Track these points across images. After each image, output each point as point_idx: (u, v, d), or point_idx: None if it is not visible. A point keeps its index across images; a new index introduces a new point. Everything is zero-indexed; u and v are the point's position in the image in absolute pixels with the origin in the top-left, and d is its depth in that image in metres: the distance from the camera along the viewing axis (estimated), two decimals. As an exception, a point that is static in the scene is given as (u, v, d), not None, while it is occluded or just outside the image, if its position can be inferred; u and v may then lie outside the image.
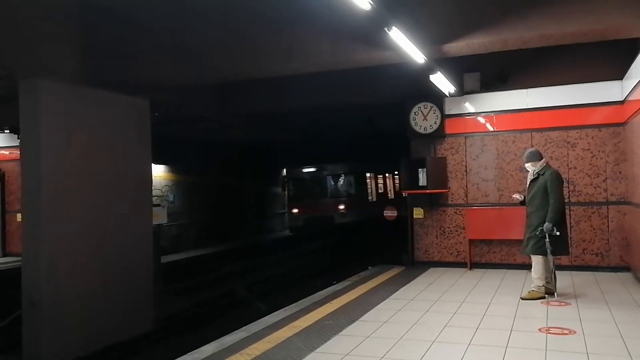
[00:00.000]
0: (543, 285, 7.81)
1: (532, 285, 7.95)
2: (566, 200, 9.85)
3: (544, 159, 8.02)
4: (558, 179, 7.78)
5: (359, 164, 23.07)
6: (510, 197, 9.10)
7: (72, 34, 9.02)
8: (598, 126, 10.04)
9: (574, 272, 9.69)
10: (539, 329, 6.29)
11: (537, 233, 7.63)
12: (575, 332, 6.17)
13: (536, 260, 7.85)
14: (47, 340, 7.35)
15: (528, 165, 8.04)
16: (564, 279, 8.93)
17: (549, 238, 7.54)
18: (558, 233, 7.49)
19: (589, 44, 8.58)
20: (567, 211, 9.83)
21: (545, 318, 6.79)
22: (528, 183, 8.11)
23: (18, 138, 10.38)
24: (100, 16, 9.30)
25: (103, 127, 8.44)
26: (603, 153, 10.01)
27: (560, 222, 7.68)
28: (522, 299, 7.85)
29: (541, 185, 7.77)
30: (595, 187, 10.03)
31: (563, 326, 6.37)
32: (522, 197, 8.32)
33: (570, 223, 9.95)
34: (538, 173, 7.88)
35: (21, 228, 7.62)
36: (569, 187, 9.99)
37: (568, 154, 10.17)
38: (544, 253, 7.66)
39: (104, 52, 9.28)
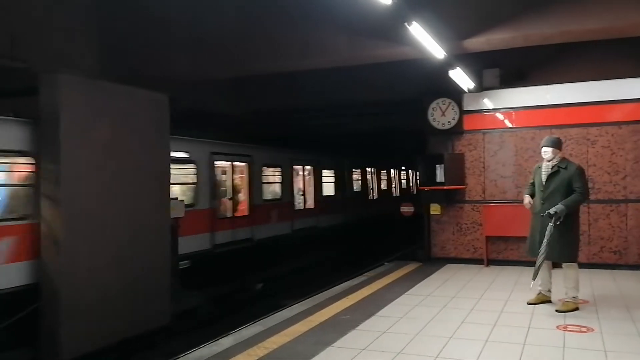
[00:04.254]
0: (577, 296, 7.10)
1: (566, 296, 7.11)
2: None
3: (561, 152, 7.22)
4: (584, 174, 7.04)
5: None
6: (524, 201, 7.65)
7: (91, 29, 9.10)
8: (618, 123, 9.94)
9: (591, 270, 9.60)
10: (557, 327, 6.26)
11: (542, 214, 6.84)
12: (593, 329, 6.13)
13: (572, 267, 7.02)
14: (64, 333, 7.42)
15: (547, 151, 7.07)
16: (581, 277, 8.84)
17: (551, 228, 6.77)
18: (558, 223, 6.76)
19: (609, 41, 8.49)
20: (585, 209, 9.82)
21: (563, 316, 6.74)
22: (544, 177, 7.12)
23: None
24: (119, 11, 9.38)
25: (122, 122, 8.49)
26: (623, 150, 9.90)
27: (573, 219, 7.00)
28: (557, 311, 6.95)
29: (564, 181, 6.90)
30: (614, 185, 9.94)
31: (581, 324, 6.34)
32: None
33: (589, 220, 9.88)
34: (559, 166, 6.99)
35: (40, 221, 7.69)
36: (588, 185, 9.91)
37: (588, 151, 10.08)
38: (575, 259, 6.99)
39: (123, 46, 9.35)
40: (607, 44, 8.83)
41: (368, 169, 23.98)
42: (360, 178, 22.89)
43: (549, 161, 7.12)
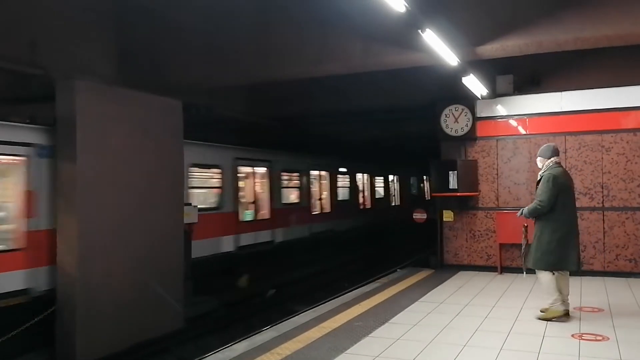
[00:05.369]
0: (562, 302, 6.79)
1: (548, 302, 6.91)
2: (599, 205, 9.77)
3: (553, 159, 6.91)
4: (550, 182, 6.65)
5: None
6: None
7: (107, 36, 9.20)
8: (633, 130, 9.86)
9: (606, 278, 9.53)
10: (572, 335, 6.21)
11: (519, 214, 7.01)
12: (608, 338, 6.08)
13: (541, 275, 6.85)
14: (80, 338, 7.47)
15: (537, 161, 7.12)
16: (596, 285, 8.80)
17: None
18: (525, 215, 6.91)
19: (624, 47, 8.44)
20: (600, 216, 9.76)
21: (578, 324, 6.69)
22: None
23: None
24: (135, 19, 9.46)
25: (137, 128, 8.56)
26: (638, 157, 9.82)
27: (555, 230, 6.70)
28: (538, 319, 6.87)
29: (537, 190, 6.90)
30: (629, 192, 9.85)
31: (596, 332, 6.28)
32: None
33: (604, 228, 9.81)
34: (541, 175, 6.89)
35: (57, 227, 7.75)
36: (603, 192, 9.86)
37: (602, 158, 10.01)
38: (544, 267, 6.74)
39: (138, 53, 9.43)
40: (622, 50, 8.77)
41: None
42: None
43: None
